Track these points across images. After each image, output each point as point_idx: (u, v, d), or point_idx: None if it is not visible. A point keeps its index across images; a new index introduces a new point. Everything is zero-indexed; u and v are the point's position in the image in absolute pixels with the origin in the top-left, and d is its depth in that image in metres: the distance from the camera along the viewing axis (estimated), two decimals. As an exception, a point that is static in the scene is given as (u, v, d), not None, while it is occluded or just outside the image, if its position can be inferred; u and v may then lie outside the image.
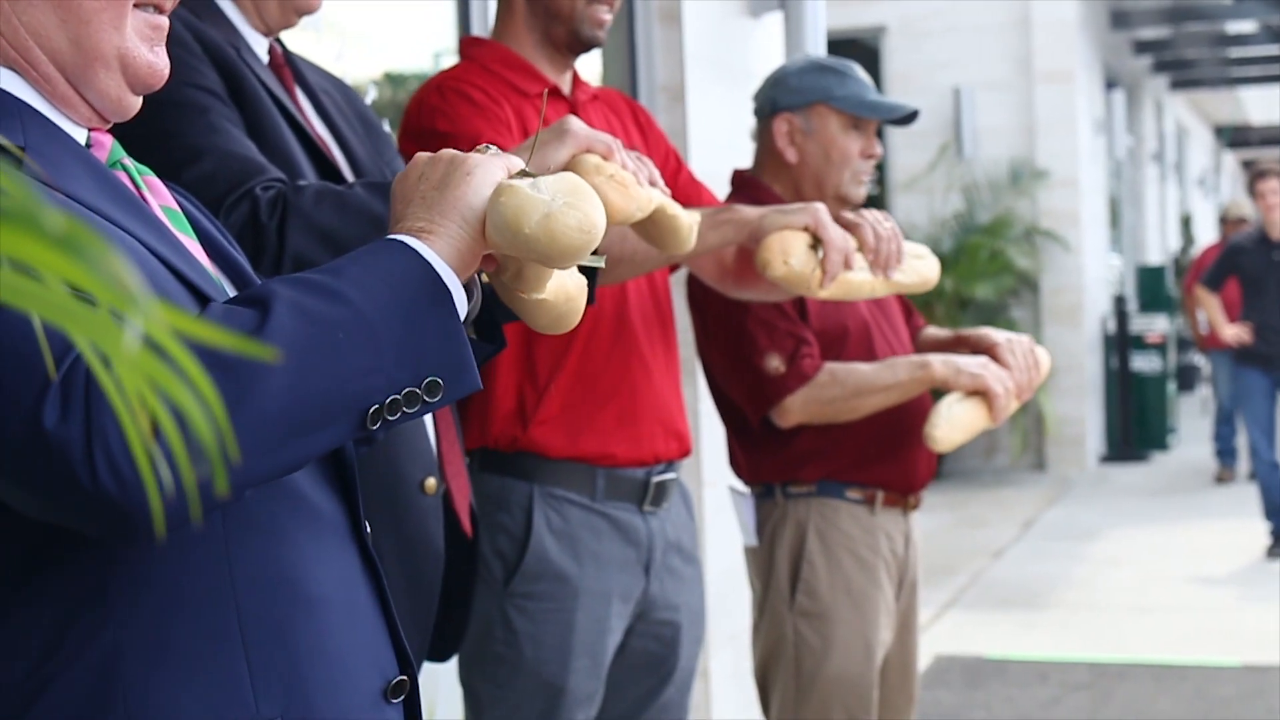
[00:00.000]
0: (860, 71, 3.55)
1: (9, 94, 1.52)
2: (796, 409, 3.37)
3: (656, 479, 3.04)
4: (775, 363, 3.36)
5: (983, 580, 8.88)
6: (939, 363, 3.36)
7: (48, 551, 1.42)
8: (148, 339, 0.64)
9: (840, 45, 10.65)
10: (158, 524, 1.32)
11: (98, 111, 1.58)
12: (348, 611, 1.56)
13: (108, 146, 1.61)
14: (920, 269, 3.12)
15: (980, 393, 3.35)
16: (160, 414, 0.65)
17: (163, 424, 0.65)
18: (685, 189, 3.17)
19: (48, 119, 1.54)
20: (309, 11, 2.55)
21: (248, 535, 1.48)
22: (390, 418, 1.42)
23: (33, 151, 1.47)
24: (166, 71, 1.59)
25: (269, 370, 1.33)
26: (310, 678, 1.51)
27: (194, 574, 1.45)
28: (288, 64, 2.62)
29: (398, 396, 1.42)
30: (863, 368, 3.39)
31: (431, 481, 2.54)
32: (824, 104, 3.48)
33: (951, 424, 3.30)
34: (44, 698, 1.42)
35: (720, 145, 4.87)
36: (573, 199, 1.56)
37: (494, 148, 1.67)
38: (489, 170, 1.56)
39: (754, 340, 3.38)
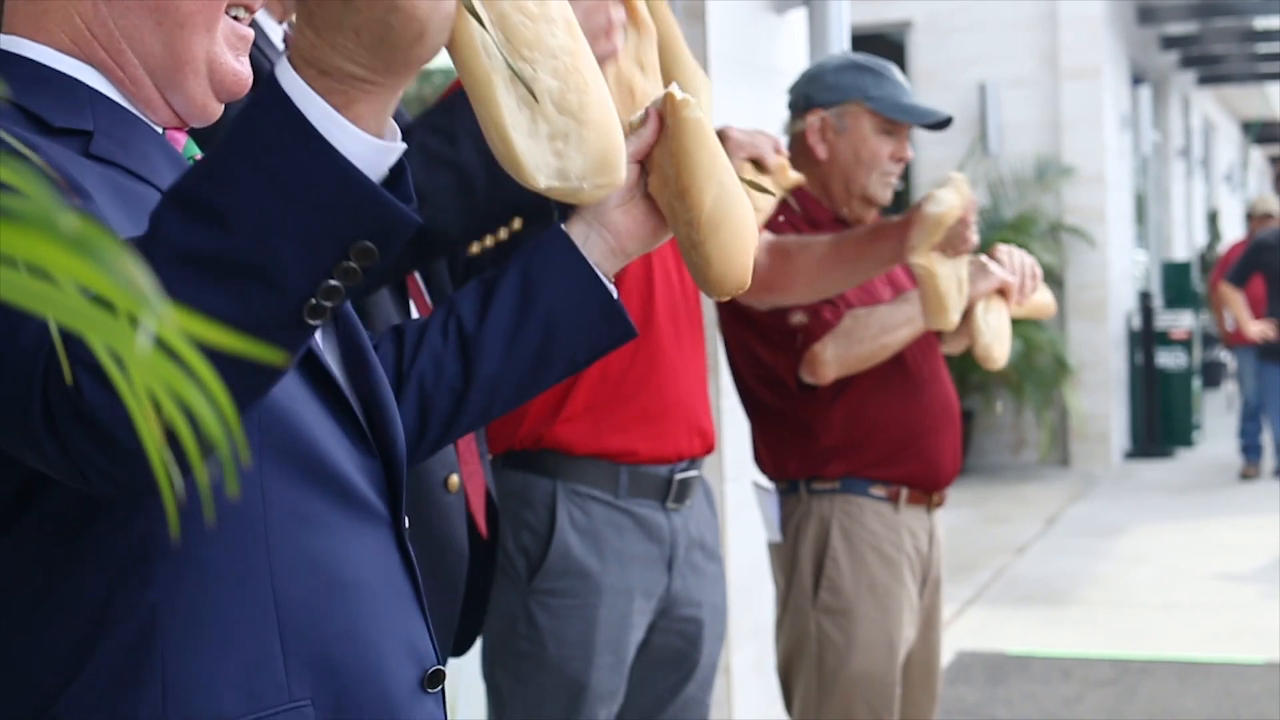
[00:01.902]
0: (897, 73, 3.54)
1: (81, 83, 1.54)
2: (828, 358, 3.37)
3: (680, 476, 3.05)
4: (799, 316, 3.39)
5: (1005, 577, 8.87)
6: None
7: (86, 525, 1.45)
8: (159, 340, 0.65)
9: (865, 41, 10.64)
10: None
11: (179, 115, 1.60)
12: (385, 600, 1.58)
13: (182, 142, 1.64)
14: None
15: (997, 291, 3.41)
16: (174, 416, 0.66)
17: (176, 425, 0.66)
18: None
19: (125, 108, 1.56)
20: None
21: (287, 520, 1.50)
22: (330, 302, 1.31)
23: (101, 134, 1.50)
24: (250, 80, 1.59)
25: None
26: (343, 662, 1.53)
27: (232, 553, 1.46)
28: None
29: (331, 283, 1.30)
30: (882, 307, 3.41)
31: (455, 479, 2.54)
32: (858, 103, 3.48)
33: (998, 337, 3.40)
34: (87, 667, 1.44)
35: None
36: (603, 180, 1.46)
37: None
38: (445, 18, 1.32)
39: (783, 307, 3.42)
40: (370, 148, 1.31)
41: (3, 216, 0.60)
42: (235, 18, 1.59)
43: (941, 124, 3.49)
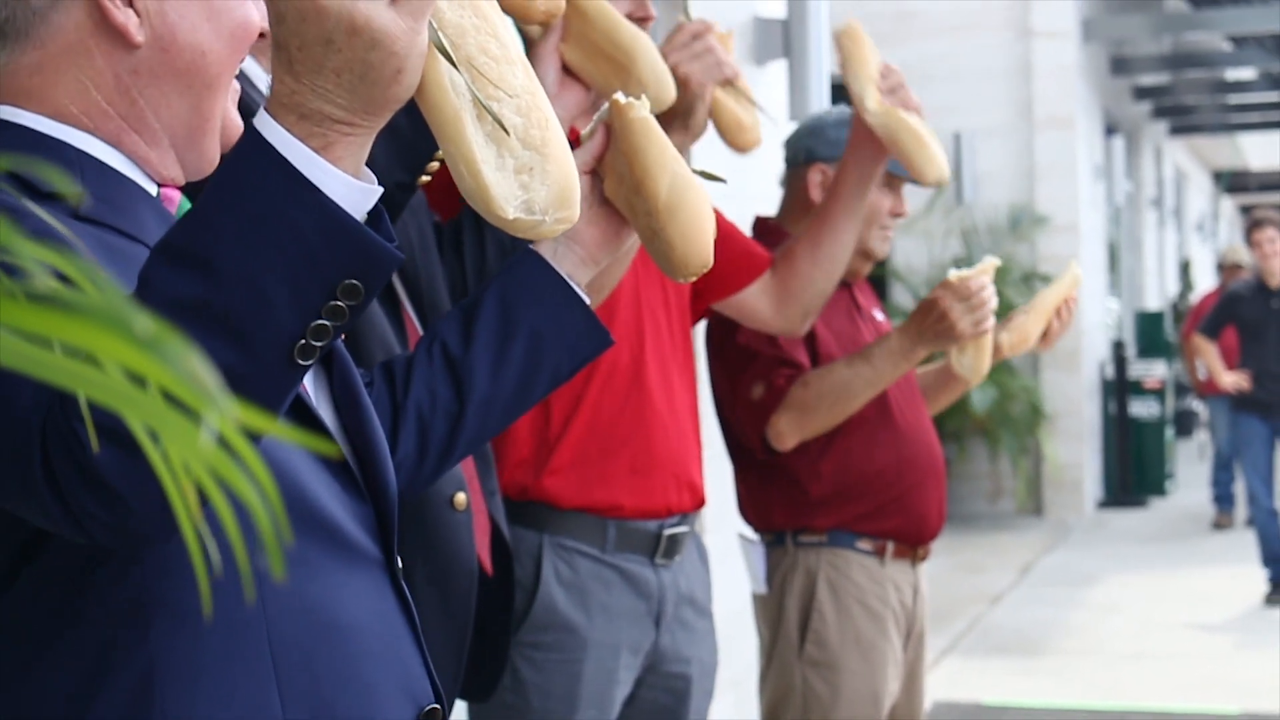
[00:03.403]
0: None
1: (70, 145, 1.56)
2: (784, 427, 3.37)
3: (669, 531, 3.04)
4: (758, 390, 3.39)
5: (981, 626, 8.88)
6: (921, 350, 3.32)
7: (85, 579, 1.47)
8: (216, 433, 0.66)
9: (843, 90, 10.69)
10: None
11: (189, 172, 1.63)
12: (379, 641, 1.61)
13: (176, 200, 1.66)
14: None
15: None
16: (215, 496, 0.66)
17: (216, 505, 0.67)
18: None
19: (116, 170, 1.58)
20: None
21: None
22: (319, 343, 1.35)
23: (90, 196, 1.52)
24: (241, 127, 1.64)
25: None
26: (340, 703, 1.55)
27: (226, 600, 1.49)
28: None
29: (321, 322, 1.34)
30: (838, 367, 3.36)
31: (461, 497, 2.51)
32: None
33: (976, 370, 3.41)
34: (88, 717, 1.47)
35: (725, 194, 4.88)
36: (563, 215, 1.52)
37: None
38: (420, 56, 1.37)
39: (744, 372, 3.42)
40: (351, 189, 1.36)
41: (77, 313, 0.61)
42: None
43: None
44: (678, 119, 2.79)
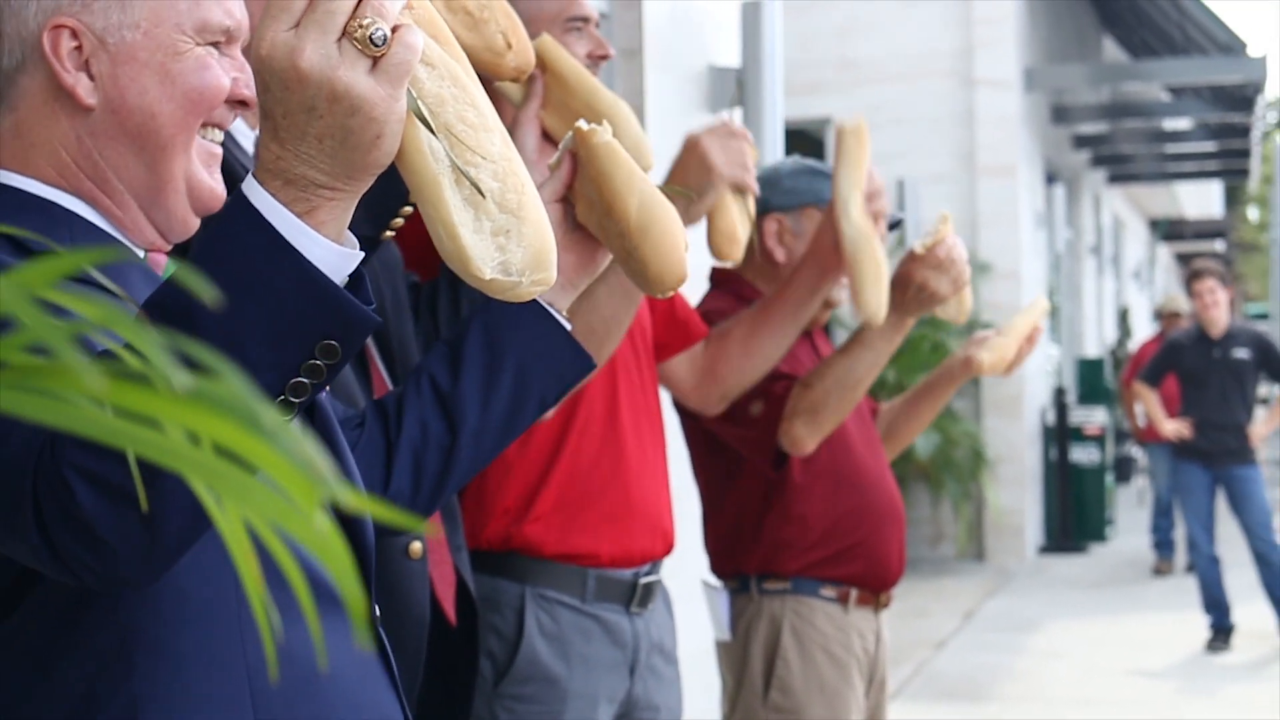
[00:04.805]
0: None
1: (58, 205, 1.61)
2: (800, 431, 3.35)
3: (644, 580, 3.07)
4: (757, 406, 3.39)
5: (925, 671, 8.91)
6: (910, 319, 3.37)
7: (76, 612, 1.52)
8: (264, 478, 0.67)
9: (797, 139, 10.76)
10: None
11: (162, 233, 1.67)
12: (357, 685, 1.65)
13: (163, 264, 1.72)
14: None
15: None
16: (283, 557, 0.67)
17: (286, 568, 0.68)
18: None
19: (104, 230, 1.63)
20: None
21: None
22: (298, 399, 1.41)
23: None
24: (224, 194, 1.68)
25: None
26: None
27: (209, 645, 1.54)
28: None
29: (299, 380, 1.40)
30: (838, 360, 3.36)
31: (417, 546, 2.53)
32: (815, 207, 3.50)
33: (961, 311, 3.45)
34: None
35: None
36: (540, 276, 1.56)
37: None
38: (398, 122, 1.43)
39: (740, 397, 3.40)
40: (332, 253, 1.42)
41: (200, 401, 0.62)
42: (205, 137, 1.67)
43: (892, 226, 3.55)
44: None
